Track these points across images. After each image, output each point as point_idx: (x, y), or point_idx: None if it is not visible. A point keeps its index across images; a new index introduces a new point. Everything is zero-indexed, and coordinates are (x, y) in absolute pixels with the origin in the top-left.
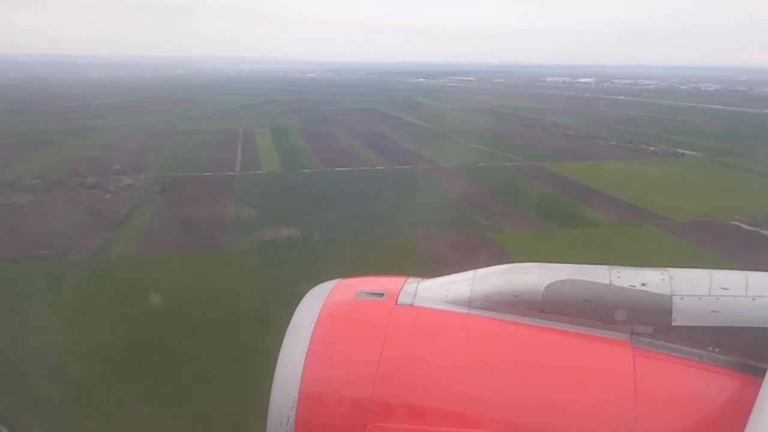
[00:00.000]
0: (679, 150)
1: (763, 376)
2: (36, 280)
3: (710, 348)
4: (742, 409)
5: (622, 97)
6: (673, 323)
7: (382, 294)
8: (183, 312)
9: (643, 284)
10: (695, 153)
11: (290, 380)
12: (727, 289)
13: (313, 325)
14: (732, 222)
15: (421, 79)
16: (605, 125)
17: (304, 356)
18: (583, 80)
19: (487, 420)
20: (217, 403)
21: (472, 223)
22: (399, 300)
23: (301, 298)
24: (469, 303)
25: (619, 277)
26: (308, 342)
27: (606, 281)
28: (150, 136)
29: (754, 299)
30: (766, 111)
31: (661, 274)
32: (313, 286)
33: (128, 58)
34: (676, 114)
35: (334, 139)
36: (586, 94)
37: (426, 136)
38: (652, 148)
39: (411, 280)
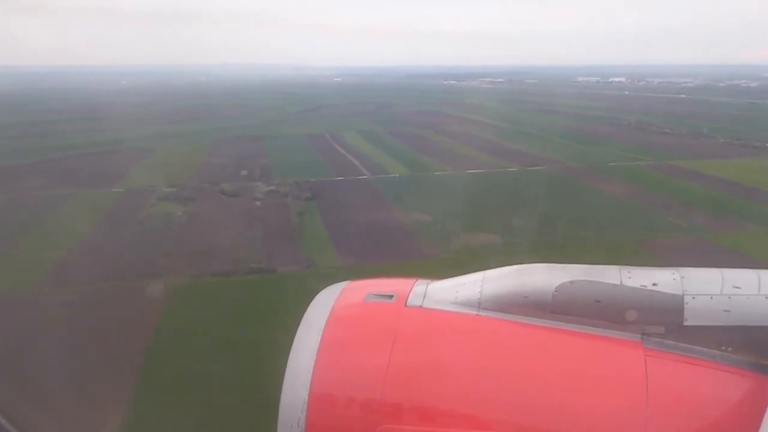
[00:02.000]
0: None
1: None
2: (279, 293)
3: (723, 348)
4: (757, 409)
5: (682, 96)
6: (685, 323)
7: (392, 296)
8: None
9: (654, 284)
10: None
11: (300, 383)
12: (739, 288)
13: (322, 328)
14: None
15: (452, 82)
16: (692, 123)
17: (314, 359)
18: (615, 79)
19: (498, 422)
20: None
21: (670, 226)
22: (408, 302)
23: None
24: (479, 304)
25: (629, 277)
26: (318, 344)
27: (616, 281)
28: (242, 141)
29: (767, 298)
30: None
31: (672, 273)
32: None
33: (140, 68)
34: (756, 111)
35: (429, 141)
36: (640, 92)
37: (518, 136)
38: (767, 145)
39: (420, 281)
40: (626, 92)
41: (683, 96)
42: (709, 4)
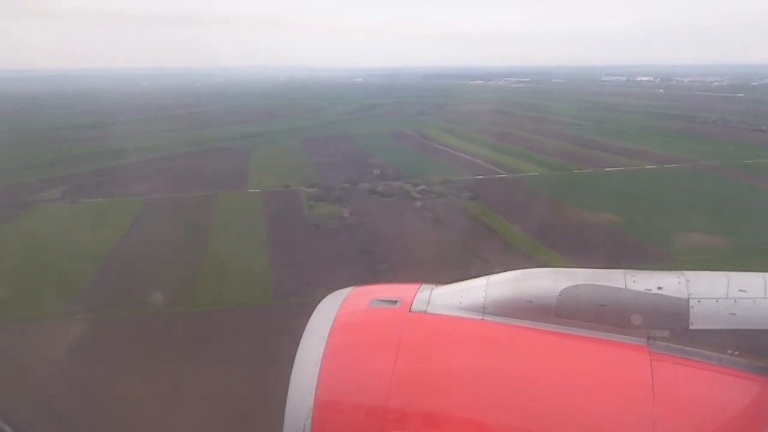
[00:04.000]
0: None
1: None
2: None
3: (729, 351)
4: (763, 413)
5: (740, 95)
6: (691, 327)
7: (396, 301)
8: None
9: (659, 288)
10: None
11: (305, 389)
12: (744, 291)
13: (327, 334)
14: None
15: (479, 81)
16: None
17: (319, 365)
18: (643, 79)
19: (503, 426)
20: None
21: None
22: (413, 307)
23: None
24: (483, 309)
25: (634, 281)
26: (323, 350)
27: (621, 285)
28: (331, 141)
29: None
30: None
31: (678, 277)
32: None
33: (149, 70)
34: None
35: (527, 140)
36: (688, 91)
37: (620, 135)
38: None
39: (424, 286)
40: (675, 91)
41: (741, 95)
42: (708, 4)
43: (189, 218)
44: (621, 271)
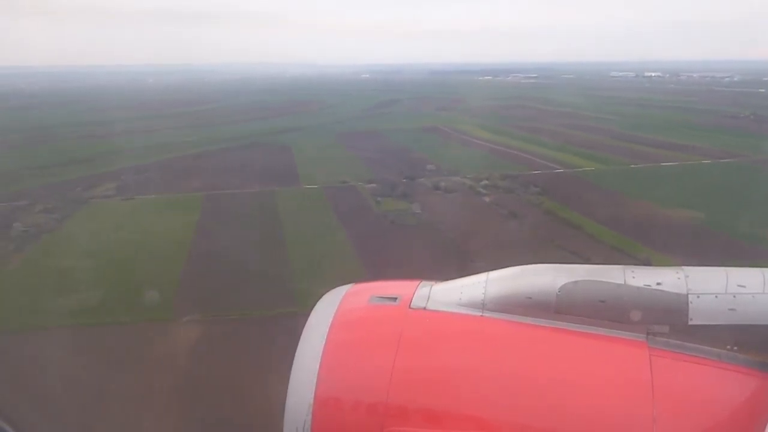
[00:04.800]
0: None
1: None
2: None
3: (728, 347)
4: (762, 408)
5: (762, 90)
6: (690, 322)
7: (396, 298)
8: None
9: (658, 283)
10: None
11: (305, 386)
12: (744, 286)
13: (327, 331)
14: None
15: (487, 77)
16: None
17: (319, 362)
18: (651, 74)
19: (503, 422)
20: None
21: None
22: (412, 304)
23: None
24: (483, 306)
25: (633, 277)
26: (322, 347)
27: (620, 281)
28: (365, 136)
29: None
30: None
31: (677, 272)
32: None
33: (149, 67)
34: None
35: (565, 135)
36: (706, 86)
37: (653, 128)
38: None
39: (424, 283)
40: (688, 86)
41: (763, 90)
42: (707, 2)
43: (255, 215)
44: (620, 266)
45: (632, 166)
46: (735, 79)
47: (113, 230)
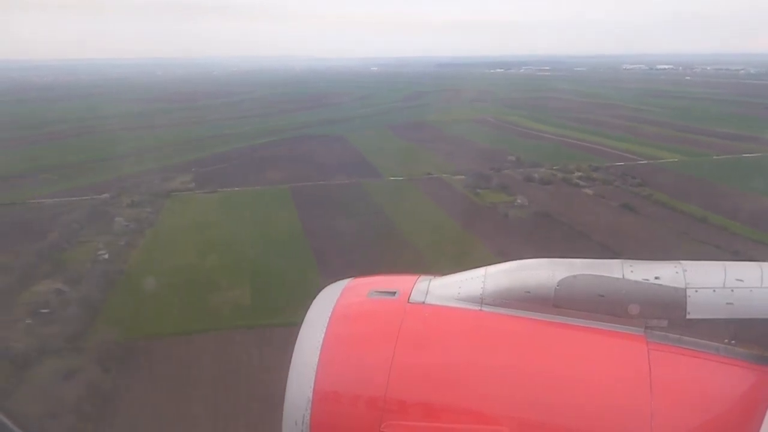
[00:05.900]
0: None
1: None
2: None
3: (726, 341)
4: (760, 402)
5: None
6: (688, 316)
7: (394, 292)
8: None
9: (656, 278)
10: None
11: (304, 380)
12: (742, 280)
13: (325, 325)
14: None
15: (499, 70)
16: None
17: (318, 356)
18: (664, 67)
19: (502, 416)
20: None
21: None
22: (411, 298)
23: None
24: (481, 300)
25: (632, 271)
26: (321, 342)
27: (619, 275)
28: (417, 128)
29: None
30: None
31: (675, 267)
32: None
33: (157, 60)
34: None
35: (625, 128)
36: (727, 79)
37: (709, 120)
38: None
39: (423, 278)
40: (708, 79)
41: None
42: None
43: (355, 208)
44: (618, 261)
45: (715, 157)
46: (751, 71)
47: (216, 225)
